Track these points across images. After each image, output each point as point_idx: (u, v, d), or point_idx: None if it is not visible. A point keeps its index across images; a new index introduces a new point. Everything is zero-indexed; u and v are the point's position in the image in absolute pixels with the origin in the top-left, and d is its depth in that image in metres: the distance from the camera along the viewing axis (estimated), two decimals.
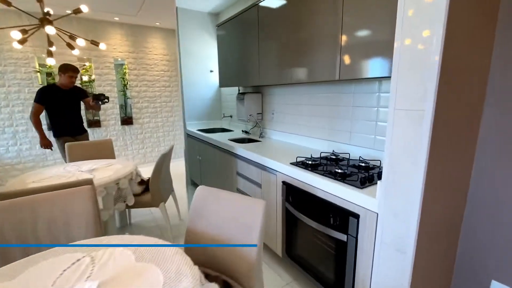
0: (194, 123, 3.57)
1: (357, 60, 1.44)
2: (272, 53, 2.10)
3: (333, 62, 1.58)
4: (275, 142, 2.48)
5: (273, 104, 2.65)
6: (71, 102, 2.86)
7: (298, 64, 1.85)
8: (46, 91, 2.72)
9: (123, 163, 2.35)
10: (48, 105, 2.74)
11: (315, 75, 1.73)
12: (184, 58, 3.36)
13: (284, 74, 1.99)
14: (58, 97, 2.76)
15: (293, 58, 1.88)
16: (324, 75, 1.67)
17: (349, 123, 1.86)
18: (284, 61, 1.97)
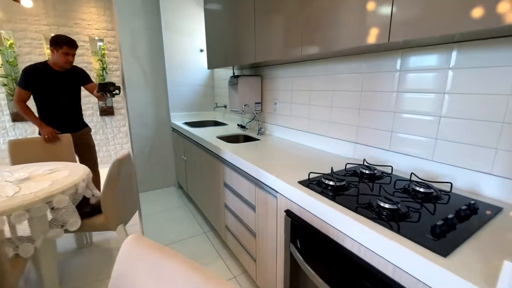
0: (181, 115, 2.95)
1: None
2: (273, 20, 1.43)
3: (375, 13, 0.92)
4: (278, 143, 1.84)
5: (276, 91, 1.99)
6: (67, 88, 2.16)
7: (311, 30, 1.19)
8: (33, 72, 2.03)
9: (73, 169, 1.76)
10: (36, 90, 2.06)
11: (339, 41, 1.07)
12: (168, 34, 2.70)
13: (290, 48, 1.33)
14: (50, 81, 2.07)
15: (305, 23, 1.22)
16: (355, 39, 1.00)
17: (391, 118, 1.21)
18: (290, 29, 1.31)
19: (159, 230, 2.25)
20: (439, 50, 1.01)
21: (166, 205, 2.69)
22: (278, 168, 1.25)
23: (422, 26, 0.80)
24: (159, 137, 3.00)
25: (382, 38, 0.91)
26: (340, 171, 1.18)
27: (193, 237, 2.14)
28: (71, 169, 1.78)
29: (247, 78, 2.09)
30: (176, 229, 2.26)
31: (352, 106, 1.38)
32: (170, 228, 2.27)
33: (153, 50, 2.78)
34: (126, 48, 2.64)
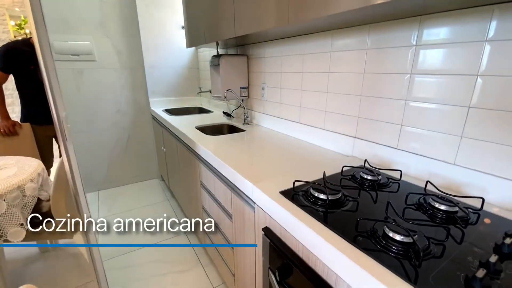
0: (162, 101, 2.66)
1: None
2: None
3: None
4: (265, 135, 1.58)
5: (264, 74, 1.70)
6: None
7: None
8: (13, 52, 1.74)
9: (24, 165, 1.51)
10: (18, 73, 1.79)
11: (337, 2, 0.78)
12: (143, 8, 2.35)
13: (274, 17, 1.03)
14: (33, 63, 1.78)
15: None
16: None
17: (401, 107, 0.95)
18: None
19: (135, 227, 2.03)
20: (471, 15, 0.73)
21: (146, 200, 2.47)
22: (260, 170, 1.00)
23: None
24: (138, 125, 2.72)
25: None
26: (335, 176, 0.94)
27: (173, 239, 1.93)
28: (21, 166, 1.52)
29: (230, 58, 1.79)
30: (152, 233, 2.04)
31: (352, 92, 1.11)
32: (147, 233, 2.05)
33: (127, 27, 2.44)
34: (95, 25, 2.30)
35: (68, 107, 2.35)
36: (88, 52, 2.31)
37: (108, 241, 1.89)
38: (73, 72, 2.30)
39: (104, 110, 2.52)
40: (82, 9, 2.22)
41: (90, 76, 2.38)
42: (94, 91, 2.43)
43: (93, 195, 2.57)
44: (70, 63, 2.27)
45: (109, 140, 2.61)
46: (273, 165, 1.07)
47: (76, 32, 2.24)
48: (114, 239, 1.89)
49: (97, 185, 2.65)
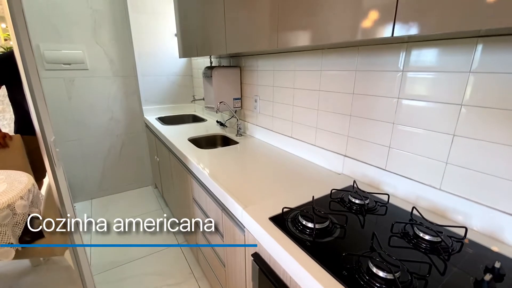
0: (155, 109, 2.64)
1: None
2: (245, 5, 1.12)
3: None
4: (257, 148, 1.58)
5: (257, 87, 1.71)
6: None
7: (289, 16, 0.89)
8: (5, 62, 1.70)
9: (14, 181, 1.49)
10: (10, 85, 1.76)
11: (324, 33, 0.79)
12: (135, 16, 2.34)
13: (264, 38, 1.04)
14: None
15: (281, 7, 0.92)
16: (343, 31, 0.73)
17: (389, 130, 0.96)
18: (264, 13, 1.01)
19: (128, 239, 2.03)
20: (457, 46, 0.74)
21: (140, 209, 2.45)
22: (251, 190, 1.01)
23: (448, 14, 0.53)
24: (132, 132, 2.70)
25: (381, 31, 0.64)
26: (324, 199, 0.94)
27: (166, 250, 1.93)
28: (11, 182, 1.50)
29: (223, 70, 1.79)
30: (147, 239, 2.04)
31: (342, 111, 1.12)
32: (141, 237, 2.05)
33: (119, 34, 2.42)
34: (86, 33, 2.28)
35: (59, 116, 2.32)
36: (80, 61, 2.29)
37: (101, 247, 1.88)
38: (64, 81, 2.28)
39: (97, 118, 2.50)
40: (73, 17, 2.20)
41: (82, 84, 2.36)
42: (86, 100, 2.41)
43: (86, 204, 2.55)
44: (62, 72, 2.25)
45: (103, 148, 2.59)
46: (264, 183, 1.07)
47: (68, 41, 2.22)
48: (110, 241, 1.88)
49: (90, 194, 2.63)
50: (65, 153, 2.41)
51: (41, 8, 2.06)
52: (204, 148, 1.71)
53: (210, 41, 1.53)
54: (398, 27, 0.60)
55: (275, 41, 0.98)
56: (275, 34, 0.98)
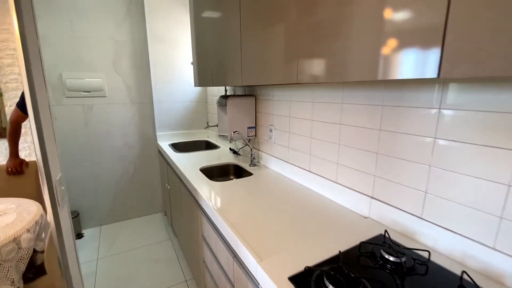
0: (169, 135, 2.63)
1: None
2: (262, 36, 1.09)
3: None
4: (273, 181, 1.48)
5: (272, 116, 1.65)
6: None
7: (310, 52, 0.84)
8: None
9: (23, 211, 1.45)
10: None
11: (348, 71, 0.72)
12: (154, 45, 2.41)
13: (283, 73, 0.98)
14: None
15: (301, 41, 0.87)
16: (371, 70, 0.65)
17: (425, 173, 0.84)
18: (283, 48, 0.97)
19: (133, 271, 1.91)
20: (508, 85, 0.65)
21: (148, 238, 2.36)
22: (266, 235, 0.90)
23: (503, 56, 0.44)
24: (145, 158, 2.69)
25: (423, 71, 0.56)
26: (352, 252, 0.82)
27: (172, 287, 1.79)
28: (21, 211, 1.46)
29: (238, 100, 1.75)
30: (153, 272, 1.92)
31: (367, 148, 1.02)
32: (147, 271, 1.93)
33: (137, 63, 2.49)
34: (107, 63, 2.36)
35: (75, 141, 2.35)
36: (99, 89, 2.35)
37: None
38: (83, 108, 2.33)
39: (112, 143, 2.51)
40: (96, 48, 2.29)
41: (100, 111, 2.40)
42: (103, 125, 2.44)
43: (96, 231, 2.49)
44: (81, 99, 2.30)
45: (115, 173, 2.57)
46: (282, 226, 0.96)
47: (89, 70, 2.30)
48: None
49: (101, 220, 2.58)
50: (78, 178, 2.41)
51: (67, 39, 2.16)
52: (216, 179, 1.64)
53: (225, 72, 1.51)
54: (446, 68, 0.51)
55: (294, 75, 0.92)
56: (294, 67, 0.92)
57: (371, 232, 0.93)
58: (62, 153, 2.30)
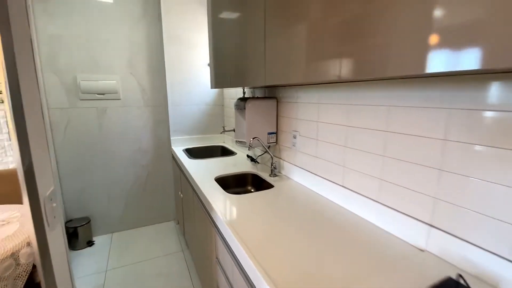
0: (183, 139, 2.51)
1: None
2: (290, 29, 0.92)
3: None
4: (297, 195, 1.29)
5: (296, 121, 1.46)
6: None
7: (347, 43, 0.65)
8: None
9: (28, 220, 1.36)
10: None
11: (396, 65, 0.52)
12: (170, 46, 2.31)
13: (313, 69, 0.80)
14: None
15: (339, 31, 0.68)
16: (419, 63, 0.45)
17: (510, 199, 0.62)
18: (314, 40, 0.78)
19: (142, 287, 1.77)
20: None
21: (159, 250, 2.22)
22: (294, 268, 0.71)
23: None
24: (158, 163, 2.58)
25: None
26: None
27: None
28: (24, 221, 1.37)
29: (258, 102, 1.58)
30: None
31: (426, 163, 0.81)
32: (156, 287, 1.78)
33: (153, 65, 2.40)
34: (122, 64, 2.28)
35: (88, 145, 2.27)
36: (113, 91, 2.27)
37: None
38: (96, 111, 2.26)
39: (125, 147, 2.42)
40: (112, 49, 2.22)
41: (113, 114, 2.32)
42: (116, 129, 2.36)
43: (106, 238, 2.39)
44: (95, 102, 2.23)
45: (128, 179, 2.48)
46: (315, 259, 0.77)
47: (104, 72, 2.23)
48: None
49: (112, 227, 2.49)
50: (90, 183, 2.33)
51: (82, 40, 2.10)
52: (232, 190, 1.47)
53: (245, 71, 1.34)
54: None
55: (337, 71, 0.73)
56: (336, 62, 0.73)
57: (433, 272, 0.71)
58: (75, 157, 2.23)
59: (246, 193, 1.32)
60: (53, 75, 2.06)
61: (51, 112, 2.09)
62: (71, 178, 2.25)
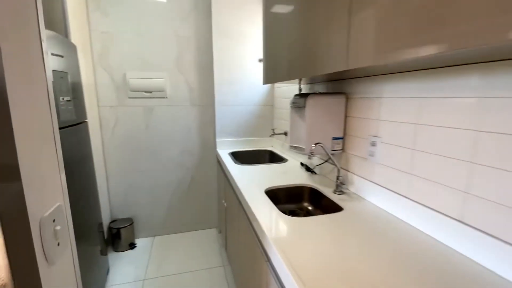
0: (229, 142, 2.30)
1: None
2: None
3: None
4: (380, 227, 0.93)
5: (377, 122, 1.09)
6: None
7: None
8: None
9: None
10: None
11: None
12: (219, 41, 2.13)
13: (425, 42, 0.46)
14: None
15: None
16: None
17: None
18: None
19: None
20: None
21: (201, 262, 2.03)
22: None
23: None
24: (203, 166, 2.43)
25: None
26: None
27: None
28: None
29: (322, 99, 1.26)
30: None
31: None
32: None
33: (201, 61, 2.26)
34: (170, 61, 2.18)
35: (134, 146, 2.22)
36: (160, 89, 2.18)
37: None
38: (143, 110, 2.19)
39: (170, 148, 2.32)
40: (161, 45, 2.13)
41: (160, 113, 2.24)
42: (162, 129, 2.27)
43: (148, 242, 2.31)
44: (142, 101, 2.17)
45: (172, 181, 2.37)
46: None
47: (153, 69, 2.15)
48: None
49: (154, 230, 2.40)
50: (135, 183, 2.27)
51: (132, 37, 2.05)
52: (285, 206, 1.18)
53: (311, 58, 1.04)
54: None
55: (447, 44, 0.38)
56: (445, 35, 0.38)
57: None
58: (122, 157, 2.19)
59: (306, 214, 1.01)
60: (104, 72, 2.04)
61: (101, 110, 2.08)
62: (117, 177, 2.21)
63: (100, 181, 2.05)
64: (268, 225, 0.92)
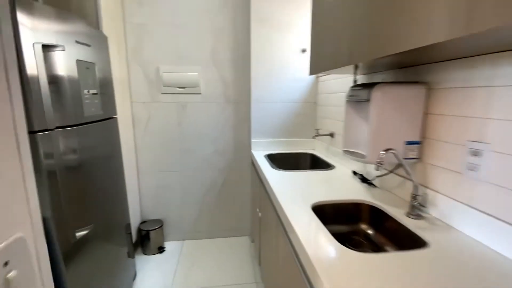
0: (266, 142, 2.07)
1: None
2: None
3: None
4: (491, 279, 0.60)
5: (482, 122, 0.76)
6: None
7: None
8: None
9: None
10: None
11: None
12: (258, 30, 1.90)
13: None
14: None
15: None
16: None
17: None
18: None
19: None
20: None
21: (230, 276, 1.83)
22: None
23: None
24: (236, 168, 2.24)
25: None
26: None
27: None
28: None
29: (393, 90, 0.95)
30: None
31: None
32: None
33: (237, 53, 2.06)
34: (205, 54, 2.02)
35: (167, 144, 2.11)
36: (194, 84, 2.04)
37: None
38: (177, 106, 2.07)
39: (202, 148, 2.16)
40: (195, 37, 1.99)
41: (193, 110, 2.09)
42: (195, 127, 2.12)
43: (177, 246, 2.19)
44: (175, 96, 2.05)
45: (203, 183, 2.22)
46: None
47: (187, 63, 2.02)
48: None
49: (184, 234, 2.28)
50: (166, 184, 2.17)
51: (166, 29, 1.93)
52: (334, 227, 0.91)
53: (382, 33, 0.75)
54: None
55: None
56: None
57: None
58: (153, 155, 2.10)
59: (364, 239, 0.72)
60: (138, 66, 1.96)
61: (134, 106, 2.00)
62: (148, 177, 2.13)
63: (131, 180, 1.97)
64: (317, 255, 0.66)
